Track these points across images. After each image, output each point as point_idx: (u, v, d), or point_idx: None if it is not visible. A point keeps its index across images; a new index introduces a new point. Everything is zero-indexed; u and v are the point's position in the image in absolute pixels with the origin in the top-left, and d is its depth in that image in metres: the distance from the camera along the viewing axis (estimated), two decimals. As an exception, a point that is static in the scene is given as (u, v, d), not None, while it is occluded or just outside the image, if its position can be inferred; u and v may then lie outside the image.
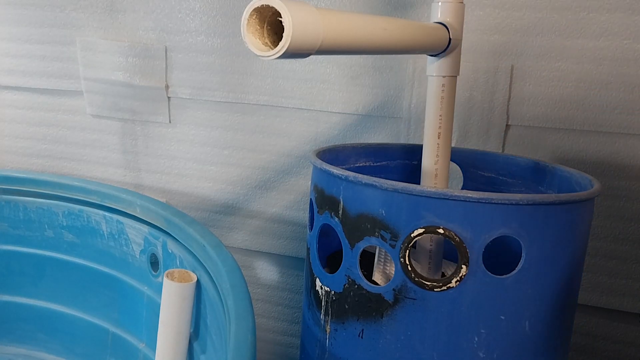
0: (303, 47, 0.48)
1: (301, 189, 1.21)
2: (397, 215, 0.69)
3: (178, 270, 0.95)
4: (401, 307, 0.71)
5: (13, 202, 1.24)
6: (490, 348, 0.69)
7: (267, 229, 1.27)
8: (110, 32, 1.26)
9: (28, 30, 1.32)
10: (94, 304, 1.19)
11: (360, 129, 1.13)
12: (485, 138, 1.04)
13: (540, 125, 1.01)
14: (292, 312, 1.32)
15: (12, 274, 1.24)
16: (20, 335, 1.25)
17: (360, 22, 0.56)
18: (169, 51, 1.22)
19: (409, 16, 1.04)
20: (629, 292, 1.02)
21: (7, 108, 1.40)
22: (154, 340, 0.97)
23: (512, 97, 1.01)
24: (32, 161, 1.43)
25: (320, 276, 0.81)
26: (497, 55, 1.00)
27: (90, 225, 1.18)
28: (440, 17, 0.75)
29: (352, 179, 0.72)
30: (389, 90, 1.09)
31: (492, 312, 0.68)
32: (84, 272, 1.20)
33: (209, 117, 1.24)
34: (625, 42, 0.93)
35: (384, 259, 0.85)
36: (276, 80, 1.16)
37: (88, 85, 1.30)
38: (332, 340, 0.79)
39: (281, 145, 1.20)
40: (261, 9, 0.47)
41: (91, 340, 1.20)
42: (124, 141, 1.33)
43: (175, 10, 1.19)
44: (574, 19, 0.95)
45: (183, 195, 1.31)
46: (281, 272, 1.31)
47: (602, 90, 0.96)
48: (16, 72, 1.36)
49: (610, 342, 1.07)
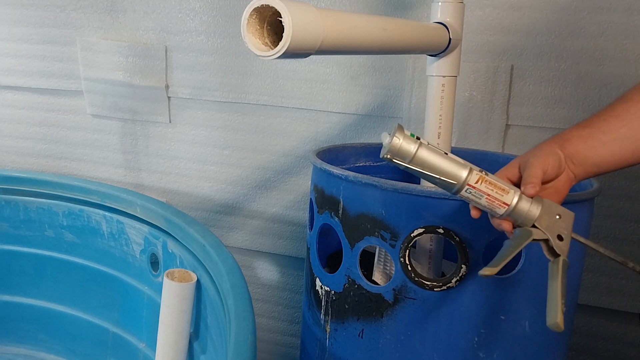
0: (303, 47, 0.48)
1: (301, 189, 1.21)
2: (397, 215, 0.69)
3: (178, 270, 0.95)
4: (401, 307, 0.71)
5: (13, 202, 1.24)
6: (491, 348, 0.69)
7: (267, 229, 1.27)
8: (110, 32, 1.26)
9: (28, 30, 1.32)
10: (94, 304, 1.19)
11: (360, 129, 1.13)
12: (485, 138, 1.04)
13: (540, 125, 1.01)
14: (292, 312, 1.32)
15: (13, 274, 1.24)
16: (20, 335, 1.25)
17: (360, 22, 0.56)
18: (169, 51, 1.22)
19: (409, 16, 1.04)
20: (628, 292, 1.02)
21: (7, 108, 1.41)
22: (154, 340, 0.97)
23: (512, 97, 1.01)
24: (33, 161, 1.43)
25: (320, 276, 0.81)
26: (497, 55, 1.00)
27: (90, 225, 1.18)
28: (440, 17, 0.75)
29: (352, 179, 0.72)
30: (389, 90, 1.09)
31: (492, 312, 0.69)
32: (84, 272, 1.20)
33: (209, 117, 1.24)
34: (625, 42, 0.93)
35: (384, 258, 0.85)
36: (276, 80, 1.16)
37: (88, 85, 1.30)
38: (332, 340, 0.79)
39: (281, 145, 1.20)
40: (261, 9, 0.47)
41: (91, 340, 1.20)
42: (124, 141, 1.33)
43: (175, 10, 1.19)
44: (574, 19, 0.95)
45: (183, 195, 1.32)
46: (281, 272, 1.31)
47: (602, 91, 0.96)
48: (16, 72, 1.36)
49: (610, 342, 1.07)
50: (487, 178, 0.54)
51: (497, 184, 0.54)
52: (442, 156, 0.53)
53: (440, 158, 0.53)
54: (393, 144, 0.51)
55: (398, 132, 0.52)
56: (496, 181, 0.54)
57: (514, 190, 0.54)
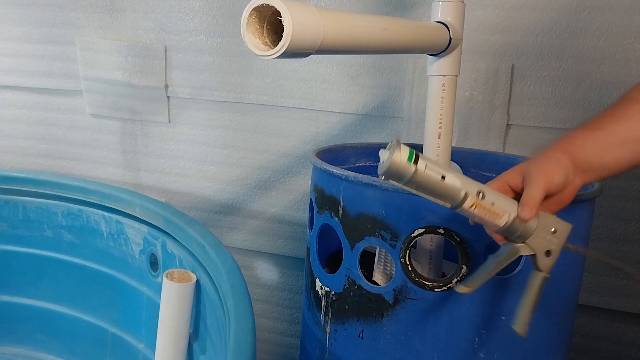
0: (303, 46, 0.48)
1: (301, 189, 1.21)
2: (398, 215, 0.69)
3: (177, 271, 0.94)
4: (401, 307, 0.70)
5: (12, 202, 1.24)
6: (491, 348, 0.69)
7: (267, 229, 1.26)
8: (109, 31, 1.25)
9: (27, 29, 1.31)
10: (94, 304, 1.19)
11: (360, 129, 1.13)
12: (486, 138, 1.04)
13: (541, 125, 1.00)
14: (292, 312, 1.32)
15: (12, 274, 1.24)
16: (19, 335, 1.25)
17: (360, 21, 0.56)
18: (168, 51, 1.22)
19: (409, 16, 1.03)
20: (629, 292, 1.02)
21: (6, 108, 1.40)
22: (153, 341, 0.97)
23: (513, 96, 1.01)
24: (32, 161, 1.42)
25: (320, 276, 0.81)
26: (498, 55, 1.00)
27: (89, 225, 1.18)
28: (440, 17, 0.74)
29: (352, 179, 0.72)
30: (389, 90, 1.09)
31: (493, 312, 0.68)
32: (83, 272, 1.19)
33: (208, 116, 1.23)
34: (626, 42, 0.93)
35: (384, 259, 0.85)
36: (276, 80, 1.16)
37: (88, 85, 1.30)
38: (332, 341, 0.79)
39: (281, 145, 1.20)
40: (261, 8, 0.46)
41: (91, 341, 1.20)
42: (123, 141, 1.33)
43: (175, 9, 1.18)
44: (575, 19, 0.95)
45: (183, 195, 1.31)
46: (281, 273, 1.31)
47: (603, 91, 0.96)
48: (15, 71, 1.35)
49: (611, 343, 1.07)
50: (481, 203, 0.53)
51: (491, 209, 0.53)
52: (437, 181, 0.52)
53: (436, 182, 0.52)
54: (390, 167, 0.51)
55: (395, 153, 0.50)
56: (491, 204, 0.53)
57: (508, 214, 0.54)
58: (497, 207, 0.54)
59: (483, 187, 0.54)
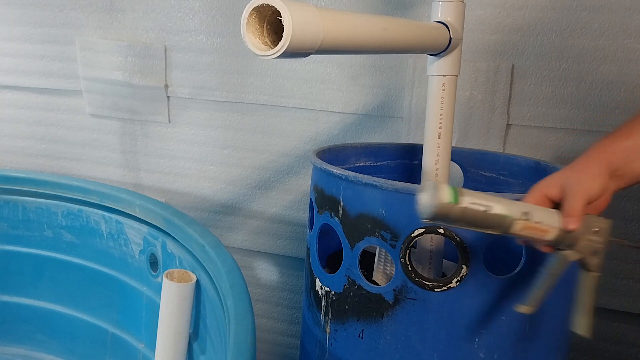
0: (303, 46, 0.47)
1: (301, 189, 1.21)
2: (398, 215, 0.69)
3: (177, 271, 0.94)
4: (401, 307, 0.70)
5: (12, 202, 1.24)
6: (491, 348, 0.69)
7: (267, 229, 1.26)
8: (109, 31, 1.25)
9: (27, 29, 1.31)
10: (93, 304, 1.19)
11: (360, 129, 1.13)
12: (486, 138, 1.04)
13: (541, 125, 1.00)
14: (292, 312, 1.32)
15: (11, 274, 1.24)
16: (19, 335, 1.25)
17: (360, 21, 0.56)
18: (168, 51, 1.21)
19: (409, 16, 1.03)
20: (629, 292, 1.02)
21: (6, 108, 1.40)
22: (153, 341, 0.97)
23: (513, 96, 1.01)
24: (31, 161, 1.42)
25: (320, 276, 0.81)
26: (498, 55, 1.00)
27: (89, 225, 1.18)
28: (440, 17, 0.74)
29: (352, 179, 0.72)
30: (389, 90, 1.09)
31: (493, 312, 0.68)
32: (83, 272, 1.19)
33: (208, 116, 1.23)
34: (626, 42, 0.93)
35: (384, 259, 0.85)
36: (276, 80, 1.15)
37: (87, 85, 1.30)
38: (332, 341, 0.79)
39: (281, 145, 1.20)
40: (261, 8, 0.46)
41: (90, 341, 1.20)
42: (123, 141, 1.33)
43: (174, 9, 1.18)
44: (575, 19, 0.95)
45: (183, 195, 1.31)
46: (281, 273, 1.31)
47: (603, 90, 0.96)
48: (15, 71, 1.35)
49: (611, 343, 1.07)
50: (528, 224, 0.53)
51: (539, 227, 0.54)
52: (484, 213, 0.52)
53: (482, 215, 0.52)
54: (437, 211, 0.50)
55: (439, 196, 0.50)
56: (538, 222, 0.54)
57: (554, 227, 0.54)
58: (543, 224, 0.54)
59: (527, 207, 0.54)
